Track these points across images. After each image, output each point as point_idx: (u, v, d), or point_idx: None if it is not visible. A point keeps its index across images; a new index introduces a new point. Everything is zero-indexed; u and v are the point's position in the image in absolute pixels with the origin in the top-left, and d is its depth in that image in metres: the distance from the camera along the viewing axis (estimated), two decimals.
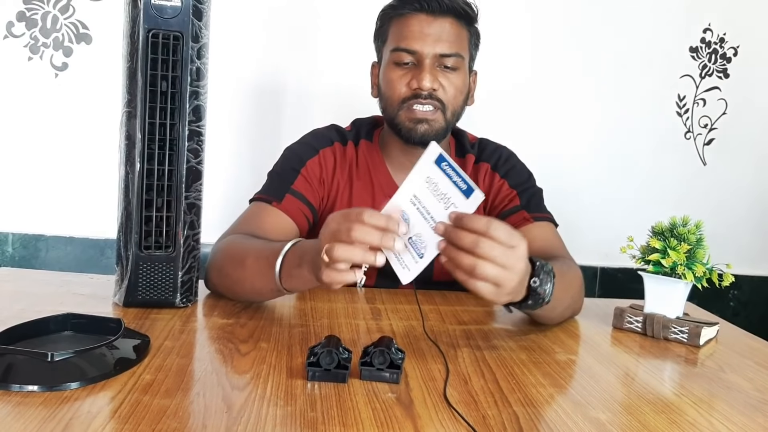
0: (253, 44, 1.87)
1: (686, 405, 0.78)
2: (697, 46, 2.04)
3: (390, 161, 1.31)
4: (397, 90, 1.21)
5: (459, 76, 1.22)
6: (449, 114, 1.22)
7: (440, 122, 1.21)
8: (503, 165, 1.32)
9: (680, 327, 1.04)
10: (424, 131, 1.21)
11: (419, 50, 1.18)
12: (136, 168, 0.97)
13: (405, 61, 1.20)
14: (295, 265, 0.92)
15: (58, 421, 0.62)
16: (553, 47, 1.98)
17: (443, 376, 0.80)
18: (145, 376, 0.74)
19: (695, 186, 2.11)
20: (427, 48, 1.18)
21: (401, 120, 1.22)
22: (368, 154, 1.31)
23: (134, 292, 0.99)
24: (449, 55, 1.19)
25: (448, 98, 1.21)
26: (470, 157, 1.33)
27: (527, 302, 0.91)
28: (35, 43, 1.80)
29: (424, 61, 1.18)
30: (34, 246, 1.85)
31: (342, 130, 1.34)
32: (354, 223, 0.79)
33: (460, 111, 1.26)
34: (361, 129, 1.34)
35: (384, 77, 1.25)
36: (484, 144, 1.37)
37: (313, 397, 0.71)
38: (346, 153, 1.31)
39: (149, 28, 0.96)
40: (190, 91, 0.98)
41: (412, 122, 1.21)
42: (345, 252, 0.79)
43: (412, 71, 1.20)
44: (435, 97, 1.20)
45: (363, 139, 1.33)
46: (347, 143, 1.31)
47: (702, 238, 1.07)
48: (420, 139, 1.22)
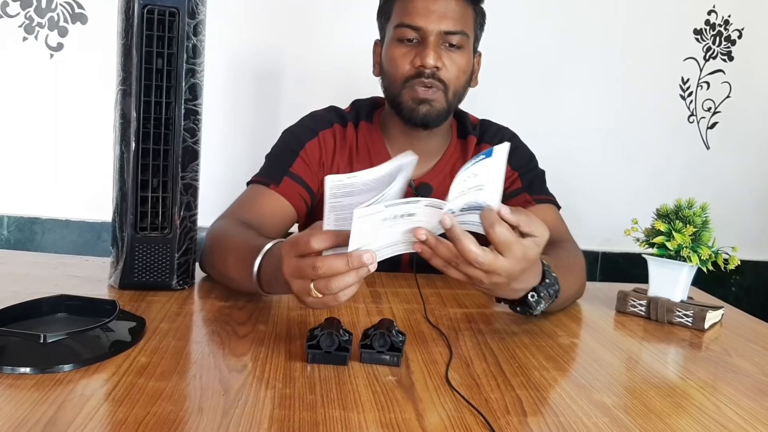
0: (251, 21, 1.84)
1: (692, 389, 0.77)
2: (702, 28, 2.02)
3: (390, 143, 1.29)
4: (401, 68, 1.19)
5: (463, 56, 1.20)
6: (451, 95, 1.20)
7: (442, 103, 1.19)
8: None
9: (685, 311, 1.02)
10: (426, 112, 1.19)
11: (423, 26, 1.16)
12: (131, 147, 0.95)
13: (409, 38, 1.18)
14: (273, 277, 0.85)
15: (50, 404, 0.60)
16: (555, 30, 1.95)
17: (444, 359, 0.79)
18: (141, 358, 0.73)
19: (698, 170, 2.10)
20: (431, 24, 1.16)
21: (404, 99, 1.20)
22: (368, 135, 1.29)
23: (130, 274, 0.98)
24: (454, 32, 1.17)
25: (451, 78, 1.18)
26: (472, 139, 1.31)
27: (515, 307, 0.91)
28: (30, 23, 1.77)
29: (428, 38, 1.16)
30: (30, 229, 1.83)
31: (341, 111, 1.32)
32: (315, 261, 0.71)
33: (463, 92, 1.24)
34: (360, 110, 1.32)
35: (387, 55, 1.22)
36: (486, 125, 1.34)
37: (313, 380, 0.70)
38: (346, 135, 1.29)
39: (144, 3, 0.93)
40: (186, 68, 0.96)
41: (414, 102, 1.18)
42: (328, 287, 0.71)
43: (415, 49, 1.18)
44: (437, 77, 1.17)
45: (363, 120, 1.30)
46: (347, 125, 1.29)
47: (708, 220, 1.05)
48: (421, 120, 1.20)
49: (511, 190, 1.26)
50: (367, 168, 0.68)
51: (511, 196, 1.25)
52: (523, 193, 1.24)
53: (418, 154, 1.25)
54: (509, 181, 1.27)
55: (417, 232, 0.73)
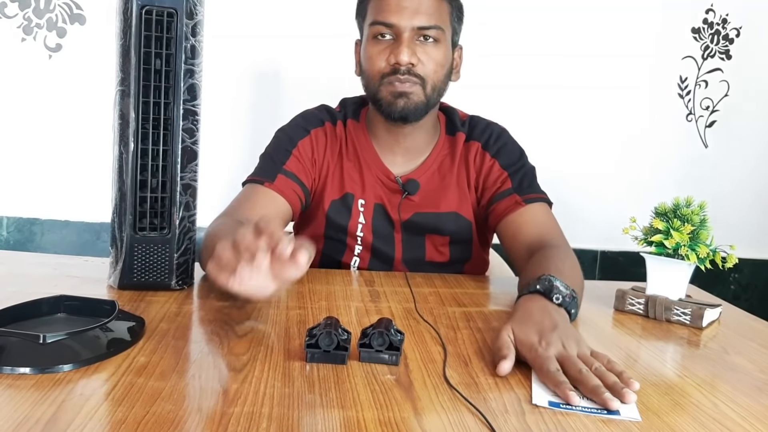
0: (249, 22, 1.84)
1: (690, 387, 0.77)
2: (699, 27, 2.02)
3: (376, 140, 1.29)
4: (377, 65, 1.19)
5: (439, 50, 1.19)
6: (429, 89, 1.20)
7: (420, 96, 1.19)
8: (494, 144, 1.29)
9: (683, 309, 1.02)
10: (404, 105, 1.19)
11: (396, 23, 1.16)
12: (130, 148, 0.95)
13: (383, 34, 1.18)
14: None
15: (50, 404, 0.60)
16: (553, 29, 1.96)
17: (443, 358, 0.79)
18: (140, 358, 0.73)
19: (696, 168, 2.10)
20: (404, 21, 1.16)
21: (382, 95, 1.20)
22: (355, 133, 1.30)
23: (129, 274, 0.98)
24: (428, 27, 1.17)
25: (428, 72, 1.18)
26: (460, 136, 1.30)
27: (536, 287, 0.92)
28: (29, 24, 1.77)
29: (402, 34, 1.16)
30: (29, 230, 1.83)
31: (332, 109, 1.33)
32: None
33: (442, 86, 1.23)
34: (347, 108, 1.33)
35: (364, 53, 1.23)
36: (475, 121, 1.33)
37: (312, 379, 0.70)
38: (336, 132, 1.30)
39: (143, 4, 0.93)
40: (185, 69, 0.96)
41: (392, 96, 1.18)
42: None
43: (390, 46, 1.18)
44: (414, 73, 1.17)
45: (350, 118, 1.31)
46: (336, 123, 1.30)
47: (705, 219, 1.05)
48: (400, 113, 1.20)
49: (501, 190, 1.25)
50: (356, 165, 0.65)
51: (501, 197, 1.24)
52: (513, 193, 1.23)
53: (403, 151, 1.27)
54: (499, 180, 1.26)
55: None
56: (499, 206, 1.24)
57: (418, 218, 1.26)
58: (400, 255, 1.27)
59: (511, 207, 1.22)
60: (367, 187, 1.27)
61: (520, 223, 1.20)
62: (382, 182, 1.27)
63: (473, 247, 1.31)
